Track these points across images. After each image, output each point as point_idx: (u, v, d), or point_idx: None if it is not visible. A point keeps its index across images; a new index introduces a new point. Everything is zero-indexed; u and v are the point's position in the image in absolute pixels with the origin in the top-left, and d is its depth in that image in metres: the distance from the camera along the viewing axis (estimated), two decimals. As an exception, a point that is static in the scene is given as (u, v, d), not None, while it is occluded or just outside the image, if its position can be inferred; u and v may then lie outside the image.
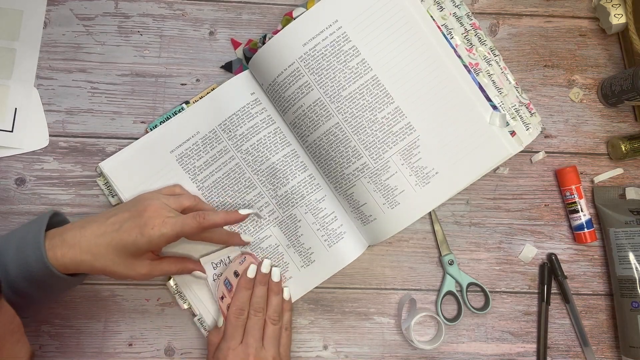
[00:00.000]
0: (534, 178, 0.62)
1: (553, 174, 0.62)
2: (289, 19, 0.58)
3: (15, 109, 0.59)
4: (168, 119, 0.58)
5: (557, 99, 0.63)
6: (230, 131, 0.57)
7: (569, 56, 0.63)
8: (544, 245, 0.61)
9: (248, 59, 0.59)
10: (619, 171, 0.62)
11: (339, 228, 0.58)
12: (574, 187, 0.60)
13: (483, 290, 0.60)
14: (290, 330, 0.56)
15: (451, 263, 0.60)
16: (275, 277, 0.56)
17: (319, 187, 0.58)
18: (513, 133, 0.57)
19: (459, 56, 0.57)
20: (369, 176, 0.56)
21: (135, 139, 0.58)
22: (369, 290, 0.61)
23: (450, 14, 0.57)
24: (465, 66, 0.57)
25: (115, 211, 0.50)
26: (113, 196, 0.59)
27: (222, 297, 0.56)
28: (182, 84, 0.61)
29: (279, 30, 0.56)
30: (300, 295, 0.59)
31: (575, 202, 0.60)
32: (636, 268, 0.58)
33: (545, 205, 0.62)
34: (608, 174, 0.62)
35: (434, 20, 0.56)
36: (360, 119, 0.55)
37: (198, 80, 0.61)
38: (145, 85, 0.61)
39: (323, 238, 0.57)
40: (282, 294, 0.56)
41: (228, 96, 0.57)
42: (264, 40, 0.59)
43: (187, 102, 0.59)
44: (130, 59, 0.61)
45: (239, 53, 0.61)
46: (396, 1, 0.55)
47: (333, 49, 0.55)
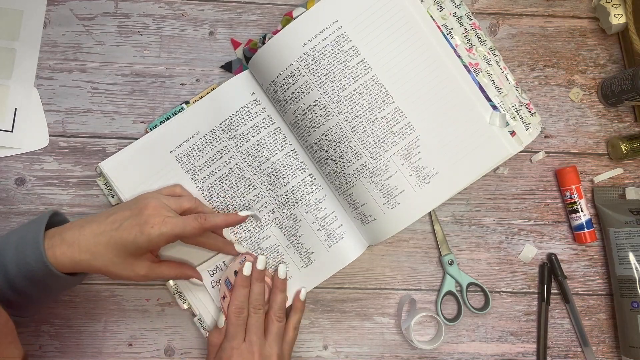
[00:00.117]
0: (534, 178, 0.62)
1: (553, 174, 0.62)
2: (289, 19, 0.58)
3: (15, 109, 0.59)
4: (168, 119, 0.58)
5: (557, 99, 0.63)
6: (230, 131, 0.57)
7: (569, 56, 0.63)
8: (544, 245, 0.61)
9: (248, 59, 0.59)
10: (619, 171, 0.62)
11: (339, 228, 0.58)
12: (574, 187, 0.60)
13: (483, 290, 0.60)
14: (297, 330, 0.56)
15: (451, 263, 0.60)
16: (282, 275, 0.56)
17: (319, 187, 0.58)
18: (513, 133, 0.57)
19: (459, 56, 0.57)
20: (369, 176, 0.56)
21: (135, 139, 0.58)
22: (369, 290, 0.61)
23: (450, 14, 0.57)
24: (465, 66, 0.57)
25: (115, 210, 0.50)
26: (113, 196, 0.59)
27: (224, 297, 0.56)
28: (182, 84, 0.61)
29: (279, 30, 0.56)
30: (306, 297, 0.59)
31: (575, 202, 0.60)
32: (636, 268, 0.58)
33: (545, 205, 0.62)
34: (608, 174, 0.62)
35: (434, 20, 0.56)
36: (360, 119, 0.55)
37: (198, 80, 0.61)
38: (145, 85, 0.61)
39: (323, 238, 0.57)
40: (295, 294, 0.57)
41: (228, 96, 0.57)
42: (264, 40, 0.59)
43: (187, 102, 0.60)
44: (130, 59, 0.61)
45: (239, 53, 0.61)
46: (396, 1, 0.55)
47: (333, 49, 0.55)
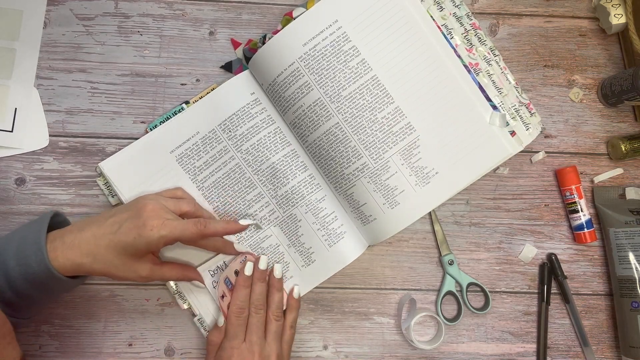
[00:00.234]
0: (534, 178, 0.62)
1: (553, 174, 0.62)
2: (289, 19, 0.58)
3: (15, 109, 0.59)
4: (168, 119, 0.58)
5: (557, 99, 0.63)
6: (230, 131, 0.57)
7: (569, 56, 0.63)
8: (544, 245, 0.61)
9: (248, 59, 0.59)
10: (618, 171, 0.62)
11: (339, 228, 0.58)
12: (574, 187, 0.60)
13: (483, 290, 0.60)
14: (294, 329, 0.56)
15: (451, 263, 0.60)
16: (277, 274, 0.56)
17: (319, 187, 0.58)
18: (513, 133, 0.57)
19: (459, 56, 0.57)
20: (369, 176, 0.56)
21: (135, 139, 0.58)
22: (369, 290, 0.61)
23: (450, 14, 0.57)
24: (465, 66, 0.57)
25: (115, 212, 0.50)
26: (113, 196, 0.59)
27: (223, 296, 0.56)
28: (182, 84, 0.61)
29: (279, 30, 0.56)
30: (300, 295, 0.58)
31: (575, 202, 0.60)
32: (636, 268, 0.58)
33: (545, 205, 0.62)
34: (608, 174, 0.62)
35: (434, 20, 0.56)
36: (360, 119, 0.55)
37: (198, 80, 0.61)
38: (145, 85, 0.61)
39: (323, 238, 0.57)
40: (285, 290, 0.57)
41: (228, 96, 0.57)
42: (264, 40, 0.59)
43: (187, 102, 0.60)
44: (130, 59, 0.61)
45: (239, 53, 0.61)
46: (396, 1, 0.55)
47: (333, 49, 0.55)
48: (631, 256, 0.58)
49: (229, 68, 0.61)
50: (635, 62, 0.61)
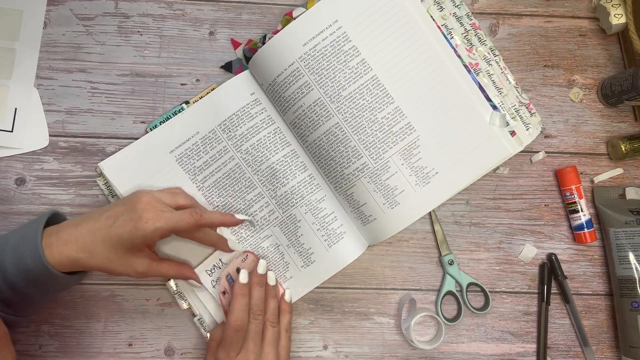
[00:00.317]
0: (534, 178, 0.62)
1: (553, 174, 0.62)
2: (289, 19, 0.58)
3: (15, 109, 0.59)
4: (168, 119, 0.58)
5: (557, 99, 0.63)
6: (230, 131, 0.57)
7: (569, 56, 0.63)
8: (544, 245, 0.61)
9: (248, 59, 0.59)
10: (619, 171, 0.62)
11: (339, 228, 0.58)
12: (574, 187, 0.60)
13: (483, 290, 0.60)
14: (290, 332, 0.56)
15: (451, 263, 0.60)
16: (271, 281, 0.55)
17: (318, 187, 0.58)
18: (513, 133, 0.57)
19: (459, 56, 0.57)
20: (369, 176, 0.56)
21: (135, 139, 0.58)
22: (369, 290, 0.61)
23: (450, 14, 0.57)
24: (465, 66, 0.57)
25: (110, 206, 0.50)
26: (113, 196, 0.59)
27: (224, 292, 0.56)
28: (182, 84, 0.61)
29: (279, 30, 0.56)
30: (300, 295, 0.59)
31: (575, 202, 0.60)
32: (636, 268, 0.58)
33: (545, 205, 0.62)
34: (608, 174, 0.62)
35: (434, 20, 0.56)
36: (360, 119, 0.55)
37: (198, 80, 0.61)
38: (145, 85, 0.61)
39: (323, 238, 0.57)
40: (279, 296, 0.56)
41: (228, 96, 0.57)
42: (264, 40, 0.59)
43: (187, 102, 0.60)
44: (130, 59, 0.61)
45: (239, 53, 0.61)
46: (396, 1, 0.55)
47: (333, 49, 0.55)
48: (631, 256, 0.58)
49: (229, 68, 0.61)
50: (635, 62, 0.61)
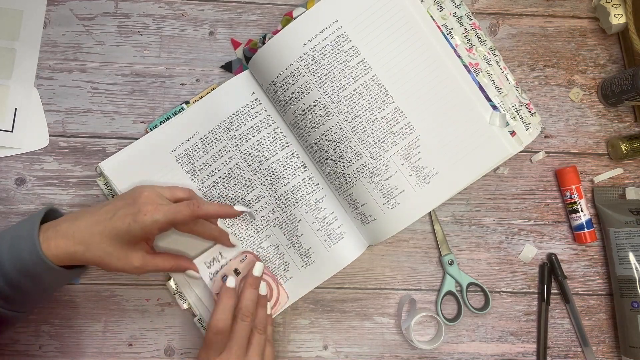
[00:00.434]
0: (534, 178, 0.62)
1: (553, 174, 0.62)
2: (289, 19, 0.58)
3: (15, 109, 0.59)
4: (168, 119, 0.58)
5: (557, 99, 0.63)
6: (230, 131, 0.57)
7: (569, 56, 0.63)
8: (544, 245, 0.61)
9: (248, 59, 0.59)
10: (619, 171, 0.62)
11: (339, 228, 0.58)
12: (574, 187, 0.60)
13: (483, 290, 0.60)
14: (272, 343, 0.53)
15: (451, 263, 0.60)
16: (262, 291, 0.54)
17: (318, 187, 0.58)
18: (513, 133, 0.57)
19: (459, 56, 0.57)
20: (369, 176, 0.56)
21: (135, 139, 0.58)
22: (369, 290, 0.61)
23: (450, 14, 0.57)
24: (465, 66, 0.57)
25: (110, 201, 0.51)
26: (113, 196, 0.59)
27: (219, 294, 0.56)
28: (182, 84, 0.61)
29: (279, 30, 0.56)
30: (300, 295, 0.59)
31: (575, 202, 0.60)
32: (636, 268, 0.58)
33: (545, 205, 0.62)
34: (608, 174, 0.62)
35: (434, 20, 0.56)
36: (360, 119, 0.55)
37: (198, 80, 0.61)
38: (145, 85, 0.61)
39: (323, 238, 0.57)
40: (274, 307, 0.56)
41: (228, 96, 0.57)
42: (264, 40, 0.59)
43: (187, 102, 0.60)
44: (130, 59, 0.61)
45: (239, 53, 0.61)
46: (396, 1, 0.55)
47: (333, 49, 0.55)
48: (631, 256, 0.58)
49: (229, 68, 0.61)
50: (635, 62, 0.61)
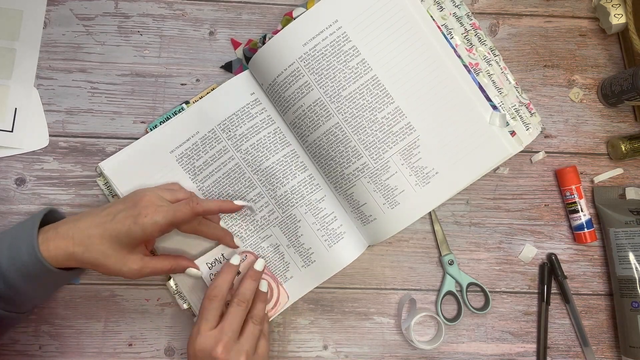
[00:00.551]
0: (534, 178, 0.62)
1: (553, 174, 0.62)
2: (289, 19, 0.58)
3: (15, 109, 0.59)
4: (168, 119, 0.58)
5: (557, 99, 0.63)
6: (229, 131, 0.57)
7: (569, 56, 0.63)
8: (544, 245, 0.61)
9: (248, 59, 0.59)
10: (619, 171, 0.62)
11: (339, 228, 0.58)
12: (574, 187, 0.60)
13: (483, 290, 0.60)
14: (268, 339, 0.53)
15: (451, 263, 0.60)
16: (263, 287, 0.54)
17: (318, 187, 0.58)
18: (513, 133, 0.57)
19: (459, 56, 0.57)
20: (369, 176, 0.56)
21: (135, 139, 0.58)
22: (369, 290, 0.61)
23: (450, 14, 0.57)
24: (465, 66, 0.57)
25: (111, 204, 0.51)
26: (113, 196, 0.59)
27: None
28: (182, 84, 0.61)
29: (279, 30, 0.56)
30: (300, 295, 0.59)
31: (575, 202, 0.60)
32: (636, 268, 0.58)
33: (545, 205, 0.62)
34: (608, 174, 0.62)
35: (434, 20, 0.56)
36: (360, 119, 0.55)
37: (198, 80, 0.61)
38: (145, 85, 0.61)
39: (323, 238, 0.57)
40: (275, 306, 0.56)
41: (228, 96, 0.57)
42: (264, 40, 0.59)
43: (187, 102, 0.60)
44: (130, 59, 0.61)
45: (239, 53, 0.61)
46: (396, 1, 0.55)
47: (333, 49, 0.55)
48: (631, 256, 0.58)
49: (229, 68, 0.61)
50: (635, 62, 0.61)
